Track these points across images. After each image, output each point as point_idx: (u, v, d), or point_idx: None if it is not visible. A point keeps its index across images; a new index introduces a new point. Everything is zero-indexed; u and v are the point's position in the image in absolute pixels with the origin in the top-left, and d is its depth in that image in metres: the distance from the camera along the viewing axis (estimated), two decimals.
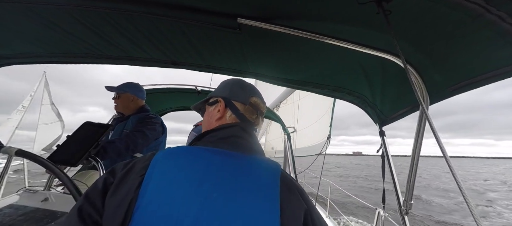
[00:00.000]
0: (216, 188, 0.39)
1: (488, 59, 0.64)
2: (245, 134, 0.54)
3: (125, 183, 0.39)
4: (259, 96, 0.65)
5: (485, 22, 0.53)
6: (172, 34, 0.93)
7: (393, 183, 1.16)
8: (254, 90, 0.64)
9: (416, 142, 0.98)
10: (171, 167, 0.41)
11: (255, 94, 0.64)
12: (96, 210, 0.38)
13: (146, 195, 0.37)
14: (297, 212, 0.41)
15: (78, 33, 0.97)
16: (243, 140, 0.52)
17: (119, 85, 1.60)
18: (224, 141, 0.50)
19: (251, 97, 0.62)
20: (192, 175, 0.40)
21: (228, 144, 0.49)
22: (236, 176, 0.41)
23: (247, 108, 0.60)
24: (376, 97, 1.14)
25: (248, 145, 0.52)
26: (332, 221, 3.48)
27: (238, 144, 0.50)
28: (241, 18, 0.74)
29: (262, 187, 0.41)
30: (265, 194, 0.39)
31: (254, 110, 0.62)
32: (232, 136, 0.52)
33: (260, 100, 0.65)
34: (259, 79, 1.32)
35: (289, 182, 0.45)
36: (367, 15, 0.63)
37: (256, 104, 0.63)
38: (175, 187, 0.38)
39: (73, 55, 1.19)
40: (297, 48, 0.92)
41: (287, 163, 2.89)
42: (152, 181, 0.38)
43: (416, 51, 0.73)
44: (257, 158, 0.48)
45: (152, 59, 1.18)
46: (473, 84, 0.73)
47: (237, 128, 0.54)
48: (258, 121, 0.64)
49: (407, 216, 1.10)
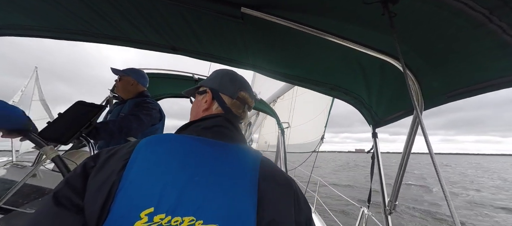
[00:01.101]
0: (197, 171, 0.40)
1: (486, 68, 0.66)
2: (229, 125, 0.55)
3: (108, 166, 0.40)
4: (248, 90, 0.65)
5: (487, 32, 0.54)
6: (173, 19, 0.91)
7: (380, 183, 1.19)
8: (243, 84, 0.64)
9: (407, 146, 1.00)
10: (155, 152, 0.42)
11: (244, 88, 0.64)
12: (77, 192, 0.38)
13: (129, 177, 0.37)
14: (277, 197, 0.42)
15: (75, 9, 0.93)
16: (226, 129, 0.54)
17: (124, 69, 1.60)
18: (208, 130, 0.52)
19: (240, 92, 0.62)
20: (175, 159, 0.41)
21: (212, 133, 0.51)
22: (217, 162, 0.43)
23: (234, 103, 0.61)
24: (372, 99, 1.15)
25: (232, 134, 0.53)
26: (317, 216, 3.57)
27: (221, 133, 0.52)
28: (245, 7, 0.73)
29: (241, 173, 0.42)
30: (243, 179, 0.41)
31: (241, 104, 0.62)
32: (215, 126, 0.53)
33: (249, 94, 0.65)
34: (258, 71, 1.31)
35: (269, 169, 0.46)
36: (371, 15, 0.63)
37: (244, 98, 0.63)
38: (158, 170, 0.39)
39: (69, 31, 1.14)
40: (298, 43, 0.91)
41: (279, 157, 2.93)
42: (135, 164, 0.39)
43: (416, 56, 0.74)
44: (239, 146, 0.49)
45: (151, 42, 1.16)
46: (470, 92, 0.74)
47: (221, 118, 0.56)
48: (245, 115, 0.65)
49: (390, 216, 1.14)
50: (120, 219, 0.34)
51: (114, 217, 0.34)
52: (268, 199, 0.40)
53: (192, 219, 0.35)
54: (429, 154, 0.58)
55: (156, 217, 0.34)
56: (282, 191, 0.44)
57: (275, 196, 0.42)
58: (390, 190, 1.13)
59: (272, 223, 0.38)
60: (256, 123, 5.24)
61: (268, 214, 0.39)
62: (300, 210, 0.44)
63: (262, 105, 2.62)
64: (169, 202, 0.36)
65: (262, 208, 0.39)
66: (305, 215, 0.45)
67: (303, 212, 0.45)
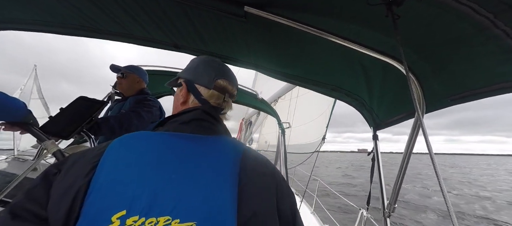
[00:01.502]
0: (174, 169, 0.39)
1: (489, 73, 0.65)
2: (208, 117, 0.52)
3: (73, 171, 0.38)
4: (228, 77, 0.60)
5: (491, 36, 0.54)
6: (177, 16, 0.91)
7: (380, 186, 1.19)
8: (221, 71, 0.59)
9: (408, 148, 1.00)
10: (127, 151, 0.40)
11: (222, 75, 0.58)
12: (37, 203, 0.36)
13: (99, 180, 0.36)
14: (258, 188, 0.41)
15: (78, 4, 0.93)
16: (205, 122, 0.51)
17: (127, 66, 1.60)
18: (186, 124, 0.49)
19: (217, 80, 0.57)
20: (149, 157, 0.39)
21: (190, 127, 0.49)
22: (195, 158, 0.41)
23: (212, 93, 0.56)
24: (374, 101, 1.15)
25: (212, 127, 0.51)
26: (316, 217, 3.57)
27: (200, 126, 0.50)
28: (248, 6, 0.73)
29: (221, 166, 0.41)
30: (223, 173, 0.40)
31: (220, 94, 0.57)
32: (194, 120, 0.50)
33: (229, 81, 0.59)
34: (260, 71, 1.31)
35: (251, 160, 0.45)
36: (375, 17, 0.62)
37: (222, 87, 0.58)
38: (130, 170, 0.37)
39: (72, 27, 1.15)
40: (300, 43, 0.91)
41: (279, 158, 2.93)
42: (106, 166, 0.37)
43: (419, 59, 0.74)
44: (220, 139, 0.48)
45: (154, 39, 1.16)
46: (472, 96, 0.74)
47: (199, 111, 0.52)
48: (227, 104, 0.60)
49: (389, 218, 1.14)
50: (90, 224, 0.33)
51: (84, 223, 0.33)
52: (249, 192, 0.39)
53: (168, 218, 0.34)
54: (430, 157, 0.58)
55: (128, 219, 0.33)
56: (263, 181, 0.43)
57: (256, 188, 0.41)
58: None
59: (253, 217, 0.37)
60: (256, 122, 5.24)
61: (249, 207, 0.37)
62: (283, 198, 0.43)
63: (263, 105, 2.62)
64: (143, 203, 0.34)
65: (243, 202, 0.37)
66: (288, 202, 0.44)
67: (286, 200, 0.44)
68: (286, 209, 0.42)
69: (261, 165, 0.45)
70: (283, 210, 0.42)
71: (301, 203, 3.41)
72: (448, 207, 0.54)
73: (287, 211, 0.43)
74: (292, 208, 0.44)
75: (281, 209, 0.41)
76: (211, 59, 0.62)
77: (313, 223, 3.28)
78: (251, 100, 2.59)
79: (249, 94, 2.32)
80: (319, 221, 3.41)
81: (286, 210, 0.42)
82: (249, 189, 0.39)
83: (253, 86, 7.04)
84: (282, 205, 0.42)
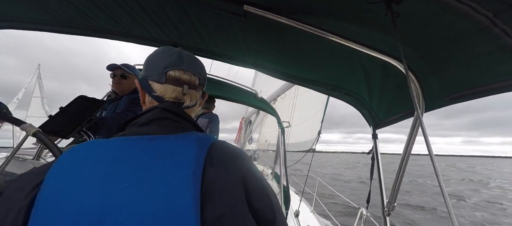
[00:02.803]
0: (127, 177, 0.35)
1: (488, 71, 0.66)
2: (169, 114, 0.47)
3: (12, 195, 0.34)
4: (182, 64, 0.51)
5: (490, 35, 0.54)
6: (176, 15, 0.90)
7: (379, 185, 1.19)
8: (174, 61, 0.51)
9: (407, 147, 1.00)
10: (76, 163, 0.37)
11: (174, 65, 0.50)
12: None
13: (41, 198, 0.32)
14: (225, 184, 0.36)
15: (77, 3, 0.93)
16: (167, 121, 0.46)
17: (126, 65, 1.58)
18: (146, 126, 0.45)
19: (167, 72, 0.50)
20: (99, 167, 0.36)
21: (150, 129, 0.44)
22: (153, 161, 0.37)
23: (166, 87, 0.50)
24: (373, 100, 1.15)
25: (175, 124, 0.47)
26: (315, 215, 3.58)
27: (161, 126, 0.45)
28: (247, 5, 0.73)
29: (182, 165, 0.36)
30: (183, 173, 0.35)
31: (176, 87, 0.50)
32: (154, 120, 0.46)
33: (184, 71, 0.51)
34: (259, 70, 1.31)
35: (219, 153, 0.40)
36: (374, 15, 0.62)
37: (176, 78, 0.50)
38: (76, 183, 0.34)
39: (71, 25, 1.14)
40: (300, 43, 0.91)
41: (279, 157, 2.93)
42: (51, 182, 0.34)
43: (418, 58, 0.74)
44: (183, 136, 0.43)
45: (153, 38, 1.15)
46: (471, 95, 0.74)
47: (158, 110, 0.47)
48: (190, 97, 0.53)
49: (389, 217, 1.14)
50: None
51: None
52: (215, 191, 0.35)
53: None
54: (429, 156, 0.58)
55: None
56: (230, 175, 0.37)
57: (224, 186, 0.36)
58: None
59: (220, 219, 0.33)
60: (256, 121, 5.24)
61: (215, 210, 0.33)
62: (258, 196, 0.38)
63: (263, 104, 2.62)
64: (90, 218, 0.30)
65: (207, 203, 0.33)
66: (266, 201, 0.39)
67: (263, 199, 0.39)
68: (264, 210, 0.38)
69: (228, 157, 0.41)
70: (260, 210, 0.37)
71: (300, 201, 3.42)
72: (448, 208, 0.54)
73: (266, 211, 0.38)
74: (271, 207, 0.39)
75: (257, 209, 0.37)
76: (165, 49, 0.53)
77: (313, 221, 3.30)
78: (250, 99, 2.59)
79: (249, 94, 2.32)
80: (318, 220, 3.42)
81: (264, 210, 0.38)
82: (215, 188, 0.35)
83: (253, 86, 7.03)
84: (258, 204, 0.37)
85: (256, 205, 0.37)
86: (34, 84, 5.77)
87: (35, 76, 5.82)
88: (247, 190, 0.37)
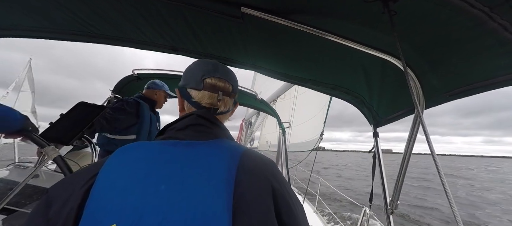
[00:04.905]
0: (164, 179, 0.36)
1: (486, 67, 0.65)
2: (203, 121, 0.50)
3: (72, 182, 0.37)
4: (217, 72, 0.56)
5: (488, 30, 0.54)
6: (174, 19, 0.91)
7: (381, 183, 1.19)
8: (210, 69, 0.56)
9: (408, 145, 1.00)
10: (119, 164, 0.39)
11: (209, 73, 0.55)
12: None
13: (92, 197, 0.35)
14: (258, 193, 0.37)
15: (75, 9, 0.94)
16: (201, 127, 0.49)
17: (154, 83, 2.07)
18: (181, 131, 0.48)
19: (205, 79, 0.54)
20: (139, 169, 0.38)
21: (186, 134, 0.47)
22: (189, 165, 0.39)
23: (202, 94, 0.54)
24: (373, 98, 1.15)
25: (208, 130, 0.49)
26: (319, 216, 3.57)
27: (196, 131, 0.48)
28: (245, 7, 0.73)
29: (216, 172, 0.38)
30: (217, 180, 0.36)
31: (212, 93, 0.55)
32: (190, 125, 0.49)
33: (218, 77, 0.56)
34: (258, 71, 1.31)
35: (250, 162, 0.41)
36: (372, 14, 0.62)
37: (212, 85, 0.55)
38: (120, 183, 0.36)
39: (69, 32, 1.15)
40: (298, 43, 0.91)
41: (280, 158, 2.92)
42: (99, 182, 0.36)
43: (416, 55, 0.74)
44: (216, 143, 0.45)
45: (151, 43, 1.16)
46: (470, 91, 0.74)
47: (194, 116, 0.51)
48: (224, 103, 0.57)
49: (392, 215, 1.14)
50: None
51: None
52: (245, 199, 0.35)
53: None
54: (431, 154, 0.58)
55: None
56: (260, 187, 0.38)
57: (253, 196, 0.36)
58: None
59: None
60: (257, 123, 5.24)
61: (245, 218, 0.33)
62: (289, 211, 0.38)
63: (263, 105, 2.62)
64: (131, 216, 0.33)
65: (239, 211, 0.34)
66: (300, 217, 0.39)
67: (296, 213, 0.39)
68: (292, 224, 0.37)
69: (257, 166, 0.41)
70: (288, 224, 0.37)
71: (303, 202, 3.41)
72: (452, 207, 0.54)
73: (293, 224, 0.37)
74: (299, 222, 0.38)
75: (286, 223, 0.36)
76: (203, 60, 0.59)
77: (316, 222, 3.28)
78: (250, 100, 2.59)
79: (249, 95, 2.32)
80: (322, 220, 3.41)
81: (291, 225, 0.37)
82: (246, 195, 0.35)
83: (252, 87, 7.04)
84: (287, 218, 0.37)
85: (285, 219, 0.37)
86: (24, 78, 5.76)
87: (26, 70, 5.82)
88: (277, 203, 0.37)
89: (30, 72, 6.05)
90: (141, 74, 2.20)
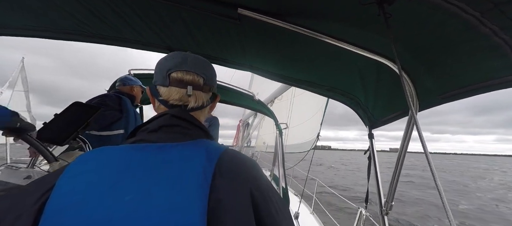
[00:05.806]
0: (131, 189, 0.33)
1: (479, 70, 0.67)
2: (179, 121, 0.46)
3: (21, 200, 0.33)
4: (185, 65, 0.50)
5: (479, 34, 0.55)
6: (170, 19, 0.90)
7: (376, 184, 1.20)
8: (176, 62, 0.50)
9: (402, 146, 1.01)
10: (78, 173, 0.35)
11: (176, 66, 0.49)
12: None
13: (49, 209, 0.31)
14: (237, 200, 0.34)
15: (71, 9, 0.93)
16: (177, 127, 0.45)
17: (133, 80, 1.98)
18: (155, 133, 0.44)
19: (171, 73, 0.48)
20: (102, 178, 0.34)
21: (159, 136, 0.43)
22: (158, 172, 0.35)
23: (170, 90, 0.49)
24: (369, 100, 1.16)
25: (186, 131, 0.45)
26: (315, 217, 3.58)
27: (171, 133, 0.44)
28: (241, 8, 0.73)
29: (188, 177, 0.34)
30: (189, 188, 0.33)
31: (180, 88, 0.49)
32: (163, 126, 0.44)
33: (186, 70, 0.49)
34: (255, 72, 1.31)
35: (228, 163, 0.38)
36: (367, 16, 0.63)
37: (178, 79, 0.49)
38: (78, 196, 0.32)
39: (65, 32, 1.14)
40: (295, 45, 0.92)
41: (277, 159, 2.93)
42: (58, 193, 0.32)
43: (411, 57, 0.75)
44: (194, 144, 0.41)
45: (147, 43, 1.15)
46: (463, 93, 0.75)
47: (167, 116, 0.46)
48: (196, 98, 0.50)
49: (387, 216, 1.15)
50: None
51: None
52: (222, 206, 0.32)
53: None
54: (425, 155, 0.59)
55: None
56: (238, 193, 0.34)
57: (231, 203, 0.33)
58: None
59: None
60: (254, 124, 5.24)
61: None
62: (270, 215, 0.35)
63: (260, 106, 2.62)
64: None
65: (215, 220, 0.30)
66: (282, 220, 0.36)
67: (278, 216, 0.35)
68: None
69: (236, 167, 0.38)
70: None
71: (299, 203, 3.41)
72: (444, 204, 0.55)
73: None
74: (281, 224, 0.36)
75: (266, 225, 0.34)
76: (174, 53, 0.52)
77: (313, 223, 3.29)
78: (248, 102, 2.59)
79: (246, 96, 2.32)
80: (318, 221, 3.42)
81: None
82: (222, 206, 0.32)
83: (249, 88, 7.04)
84: (268, 222, 0.34)
85: (266, 222, 0.34)
86: (16, 77, 5.67)
87: (18, 69, 5.75)
88: (257, 210, 0.34)
89: (23, 71, 5.98)
90: (137, 75, 2.18)
